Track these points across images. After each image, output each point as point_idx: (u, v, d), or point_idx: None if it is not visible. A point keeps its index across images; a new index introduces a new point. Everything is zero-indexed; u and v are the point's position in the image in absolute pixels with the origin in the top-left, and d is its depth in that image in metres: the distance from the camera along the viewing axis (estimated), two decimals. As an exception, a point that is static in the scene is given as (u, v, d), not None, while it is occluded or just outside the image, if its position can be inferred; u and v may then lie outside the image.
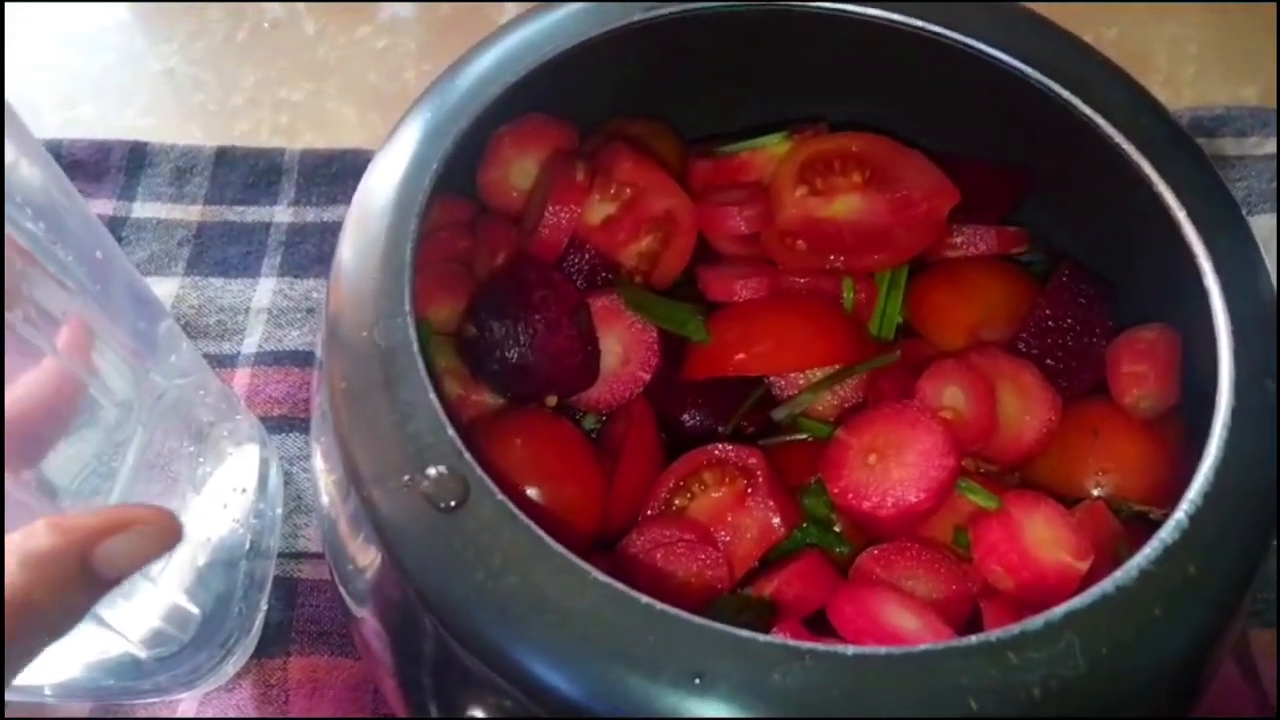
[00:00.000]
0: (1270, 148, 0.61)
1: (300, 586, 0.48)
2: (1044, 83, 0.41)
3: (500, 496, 0.30)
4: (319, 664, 0.46)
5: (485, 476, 0.30)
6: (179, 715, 0.46)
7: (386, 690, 0.41)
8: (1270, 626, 0.49)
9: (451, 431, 0.30)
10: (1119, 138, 0.40)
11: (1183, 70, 0.64)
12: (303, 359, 0.54)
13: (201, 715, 0.45)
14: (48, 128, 0.67)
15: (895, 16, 0.42)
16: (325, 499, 0.35)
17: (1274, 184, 0.60)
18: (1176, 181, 0.39)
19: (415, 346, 0.32)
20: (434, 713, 0.35)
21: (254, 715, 0.45)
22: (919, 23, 0.42)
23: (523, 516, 0.29)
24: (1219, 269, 0.38)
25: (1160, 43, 0.65)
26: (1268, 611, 0.49)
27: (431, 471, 0.30)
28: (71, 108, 0.68)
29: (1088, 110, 0.41)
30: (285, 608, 0.47)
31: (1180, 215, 0.39)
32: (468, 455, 0.30)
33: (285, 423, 0.52)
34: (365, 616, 0.35)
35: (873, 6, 0.42)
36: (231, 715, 0.45)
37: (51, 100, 0.69)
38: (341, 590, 0.37)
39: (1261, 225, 0.60)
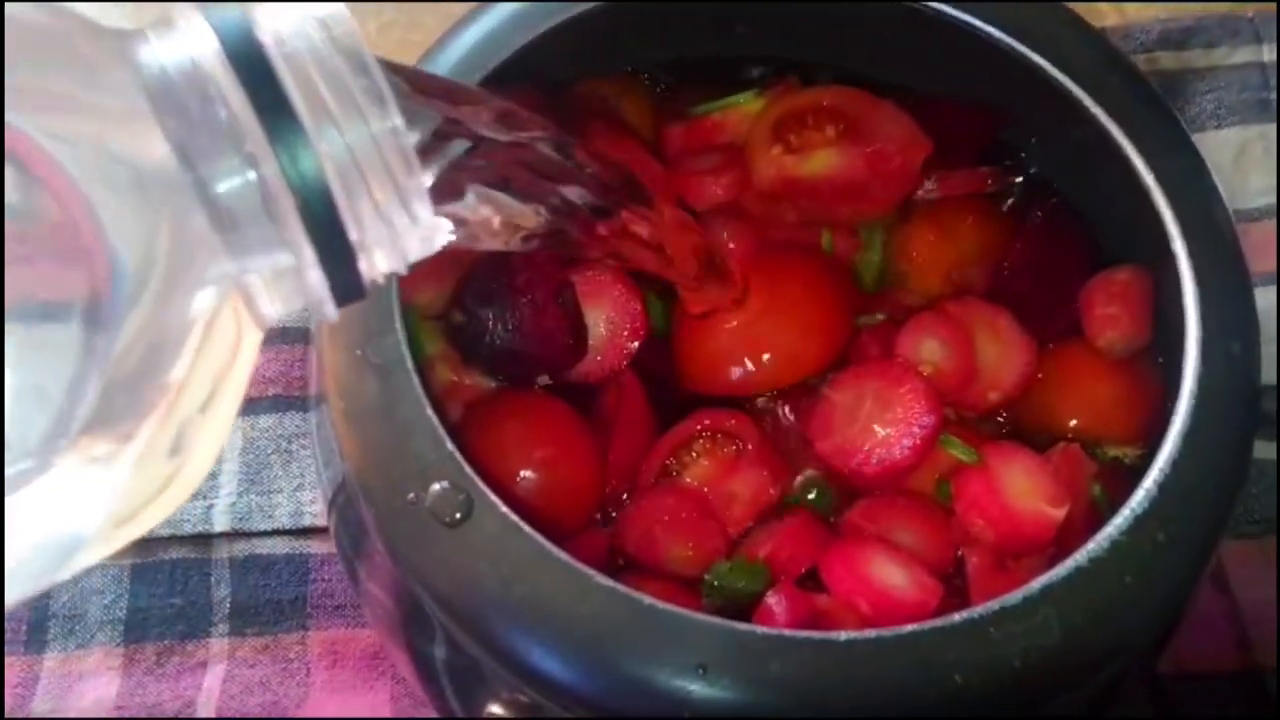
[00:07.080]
0: (1238, 58, 0.62)
1: (311, 562, 0.50)
2: (1008, 42, 0.41)
3: (503, 509, 0.31)
4: (337, 636, 0.48)
5: (488, 490, 0.31)
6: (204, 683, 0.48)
7: (400, 665, 0.44)
8: (1239, 539, 0.52)
9: (451, 447, 0.32)
10: (1079, 91, 0.41)
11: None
12: (293, 336, 0.55)
13: (228, 694, 0.47)
14: None
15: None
16: (333, 510, 0.36)
17: (1244, 95, 0.60)
18: (1133, 126, 0.41)
19: (410, 363, 0.33)
20: (448, 691, 0.38)
21: (278, 689, 0.47)
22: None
23: (525, 527, 0.31)
24: (1179, 215, 0.39)
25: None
26: (1236, 524, 0.52)
27: (435, 488, 0.31)
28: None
29: (1047, 65, 0.42)
30: (299, 584, 0.49)
31: (1136, 158, 0.40)
32: (469, 470, 0.31)
33: (281, 402, 0.53)
34: (381, 612, 0.37)
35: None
36: (256, 691, 0.47)
37: None
38: (355, 584, 0.38)
39: (1230, 138, 0.61)
